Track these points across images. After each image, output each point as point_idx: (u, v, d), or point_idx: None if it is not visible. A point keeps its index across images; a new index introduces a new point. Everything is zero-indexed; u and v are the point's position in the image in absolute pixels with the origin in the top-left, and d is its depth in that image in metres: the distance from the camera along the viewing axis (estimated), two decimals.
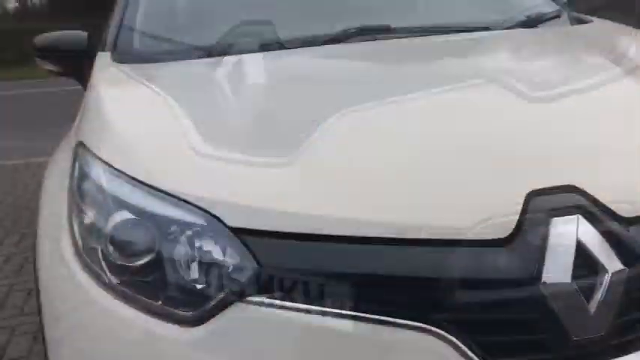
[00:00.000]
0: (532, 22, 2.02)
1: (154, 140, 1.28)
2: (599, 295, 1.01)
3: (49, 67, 2.25)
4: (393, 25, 1.83)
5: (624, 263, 1.01)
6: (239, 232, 1.03)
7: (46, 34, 2.25)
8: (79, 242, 1.20)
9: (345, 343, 0.99)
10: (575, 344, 1.00)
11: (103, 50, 1.92)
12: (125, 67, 1.70)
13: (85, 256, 1.17)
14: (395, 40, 1.78)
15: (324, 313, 0.99)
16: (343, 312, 0.99)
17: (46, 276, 1.28)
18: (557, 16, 2.12)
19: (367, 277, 1.00)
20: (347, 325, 0.98)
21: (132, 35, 1.90)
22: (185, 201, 1.08)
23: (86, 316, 1.15)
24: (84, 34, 2.17)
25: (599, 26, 2.07)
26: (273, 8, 1.98)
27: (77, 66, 2.19)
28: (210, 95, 1.48)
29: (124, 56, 1.78)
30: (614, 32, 2.00)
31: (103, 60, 1.80)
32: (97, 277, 1.14)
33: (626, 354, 1.04)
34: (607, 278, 1.00)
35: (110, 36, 1.93)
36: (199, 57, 1.74)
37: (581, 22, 2.13)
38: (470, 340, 0.98)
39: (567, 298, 0.99)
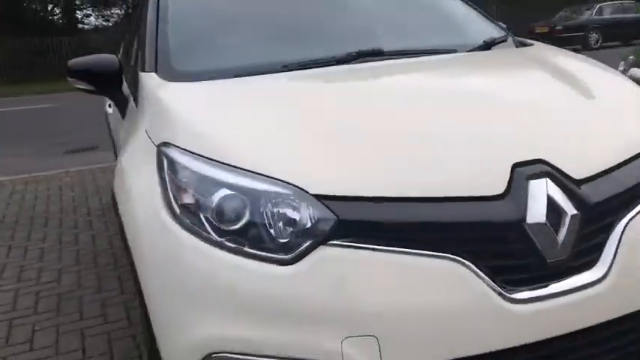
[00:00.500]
0: (487, 46, 2.55)
1: (239, 135, 1.69)
2: (563, 231, 1.49)
3: (81, 86, 2.59)
4: (385, 49, 2.31)
5: (577, 209, 1.51)
6: (319, 197, 1.46)
7: (78, 59, 2.59)
8: (177, 211, 1.58)
9: (398, 269, 1.42)
10: (548, 265, 1.49)
11: (144, 71, 2.29)
12: (177, 84, 2.09)
13: (188, 221, 1.55)
14: (392, 61, 2.26)
15: (383, 250, 1.43)
16: (397, 249, 1.43)
17: (140, 235, 1.66)
18: (505, 40, 2.67)
19: (413, 224, 1.45)
20: (400, 257, 1.43)
21: (171, 54, 2.28)
22: (276, 179, 1.50)
23: (191, 273, 1.53)
24: (115, 58, 2.52)
25: (539, 47, 2.63)
26: (290, 35, 2.43)
27: (108, 85, 2.54)
28: (263, 101, 1.91)
29: (170, 76, 2.16)
30: (550, 52, 2.55)
31: (153, 79, 2.17)
32: (202, 237, 1.52)
33: (581, 272, 1.53)
34: (567, 219, 1.50)
35: (149, 60, 2.29)
36: (234, 76, 2.14)
37: (524, 44, 2.69)
38: (480, 265, 1.45)
39: (543, 233, 1.48)
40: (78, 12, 23.10)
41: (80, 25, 23.47)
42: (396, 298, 1.42)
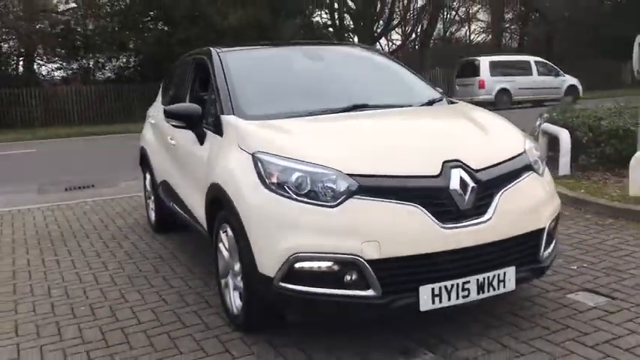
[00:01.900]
0: (430, 103, 4.18)
1: (299, 145, 3.20)
2: (468, 194, 3.05)
3: (175, 123, 4.07)
4: (369, 104, 3.90)
5: (475, 184, 3.07)
6: (349, 175, 2.97)
7: (172, 106, 4.08)
8: (267, 182, 3.06)
9: (388, 210, 2.92)
10: (461, 211, 3.02)
11: (224, 114, 3.78)
12: (251, 121, 3.59)
13: (275, 188, 3.03)
14: (374, 110, 3.85)
15: (381, 200, 2.93)
16: (387, 200, 2.94)
17: (246, 199, 3.13)
18: (441, 99, 4.31)
19: (396, 187, 2.96)
20: (388, 204, 2.93)
21: (241, 105, 3.78)
22: (328, 167, 3.01)
23: (279, 214, 3.00)
24: (198, 107, 4.02)
25: (461, 104, 4.28)
26: (312, 95, 4.00)
27: (194, 124, 4.02)
28: (305, 129, 3.44)
29: (244, 116, 3.66)
30: (467, 107, 4.18)
31: (233, 119, 3.66)
32: (284, 196, 3.00)
33: (477, 216, 3.06)
34: (470, 188, 3.05)
35: (226, 107, 3.79)
36: (281, 118, 3.66)
37: (452, 102, 4.33)
38: (428, 209, 2.97)
39: (458, 194, 3.02)
40: (49, 65, 24.28)
41: (47, 77, 24.59)
42: (387, 224, 2.91)
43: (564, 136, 7.25)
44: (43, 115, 21.77)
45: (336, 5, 29.82)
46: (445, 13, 37.40)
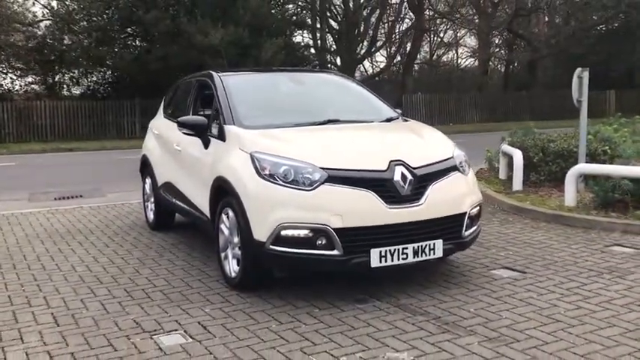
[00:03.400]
0: (389, 120, 5.79)
1: (287, 145, 4.75)
2: (407, 185, 4.61)
3: (186, 131, 5.60)
4: (341, 119, 5.48)
5: (412, 177, 4.64)
6: (322, 168, 4.52)
7: (184, 118, 5.62)
8: (261, 173, 4.59)
9: (349, 194, 4.46)
10: (402, 196, 4.58)
11: (226, 124, 5.31)
12: (249, 130, 5.12)
13: (267, 177, 4.57)
14: (343, 124, 5.43)
15: (344, 186, 4.48)
16: (349, 187, 4.48)
17: (246, 186, 4.66)
18: (398, 118, 5.91)
19: (355, 177, 4.51)
20: (350, 189, 4.47)
21: (240, 117, 5.32)
22: (306, 162, 4.55)
23: (270, 196, 4.53)
24: (205, 119, 5.55)
25: (411, 122, 5.88)
26: (297, 111, 5.58)
27: (201, 132, 5.54)
28: (291, 136, 5.00)
29: (242, 126, 5.20)
30: (415, 123, 5.78)
31: (234, 128, 5.20)
32: (274, 183, 4.53)
33: (414, 201, 4.62)
34: (408, 180, 4.62)
35: (228, 119, 5.33)
36: (272, 127, 5.20)
37: (406, 120, 5.93)
38: (378, 194, 4.51)
39: (399, 184, 4.58)
40: (22, 79, 25.69)
41: (20, 91, 25.96)
42: (348, 203, 4.44)
43: (517, 156, 8.87)
44: (15, 131, 23.06)
45: (318, 25, 31.70)
46: (432, 37, 39.63)
